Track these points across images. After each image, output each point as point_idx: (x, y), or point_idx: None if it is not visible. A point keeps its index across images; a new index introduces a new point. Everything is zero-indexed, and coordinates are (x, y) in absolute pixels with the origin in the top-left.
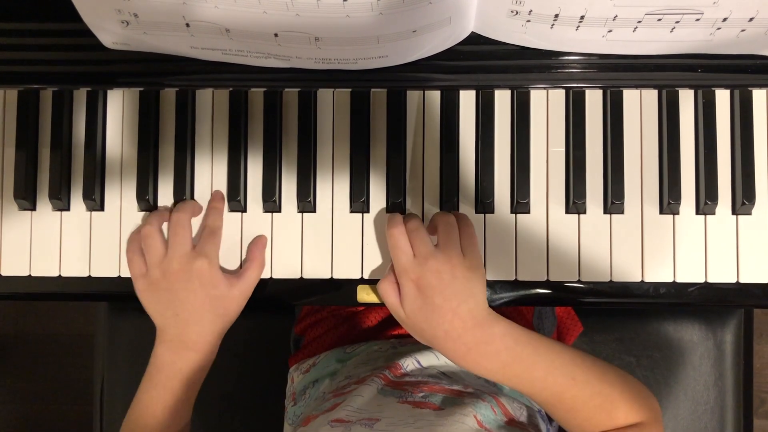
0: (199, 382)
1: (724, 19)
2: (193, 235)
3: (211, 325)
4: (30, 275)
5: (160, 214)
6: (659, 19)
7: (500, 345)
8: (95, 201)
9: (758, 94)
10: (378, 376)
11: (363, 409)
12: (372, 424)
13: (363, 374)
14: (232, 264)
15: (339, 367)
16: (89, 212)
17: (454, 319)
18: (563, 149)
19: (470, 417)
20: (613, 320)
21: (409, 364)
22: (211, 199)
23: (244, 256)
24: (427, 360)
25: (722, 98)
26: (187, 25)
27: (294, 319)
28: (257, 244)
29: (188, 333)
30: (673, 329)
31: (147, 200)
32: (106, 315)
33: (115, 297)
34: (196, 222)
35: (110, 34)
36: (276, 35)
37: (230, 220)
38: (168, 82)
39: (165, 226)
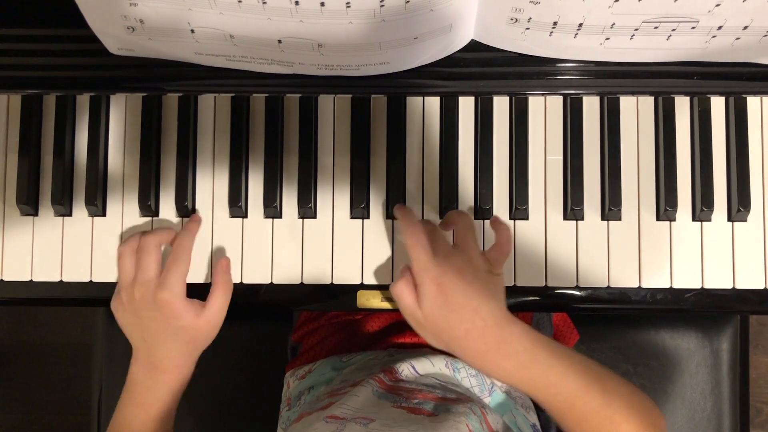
0: (174, 400)
1: (720, 27)
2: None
3: (177, 351)
4: (31, 280)
5: (137, 235)
6: (656, 27)
7: (519, 346)
8: (97, 206)
9: (753, 102)
10: (374, 378)
11: (358, 408)
12: (367, 423)
13: (359, 379)
14: (233, 270)
15: (334, 375)
16: (91, 218)
17: (475, 318)
18: (561, 157)
19: (462, 425)
20: (611, 328)
21: (404, 369)
22: (189, 220)
23: (245, 261)
24: (423, 367)
25: (717, 105)
26: (192, 31)
27: (291, 327)
28: (218, 268)
29: (156, 356)
30: (670, 337)
31: (149, 206)
32: (105, 323)
33: None
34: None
35: (115, 40)
36: (279, 41)
37: (231, 225)
38: (171, 88)
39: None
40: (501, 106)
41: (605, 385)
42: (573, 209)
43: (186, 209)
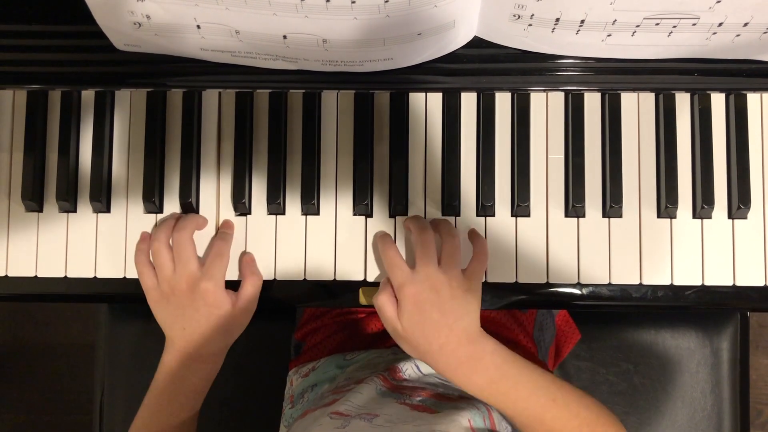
0: (204, 392)
1: (720, 24)
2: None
3: (216, 340)
4: (36, 276)
5: (166, 226)
6: (657, 24)
7: (490, 362)
8: (102, 203)
9: (753, 99)
10: (378, 376)
11: (362, 405)
12: (371, 418)
13: (363, 377)
14: (236, 269)
15: (338, 372)
16: (95, 214)
17: (450, 335)
18: (562, 155)
19: (465, 419)
20: (611, 327)
21: (408, 368)
22: (221, 225)
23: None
24: (426, 367)
25: (718, 102)
26: (198, 26)
27: (294, 325)
28: (245, 261)
29: (195, 345)
30: (671, 336)
31: (153, 202)
32: (107, 322)
33: (120, 298)
34: (199, 235)
35: (122, 36)
36: (285, 37)
37: (235, 222)
38: (175, 83)
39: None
40: (503, 102)
41: (571, 397)
42: (574, 206)
43: (190, 206)
